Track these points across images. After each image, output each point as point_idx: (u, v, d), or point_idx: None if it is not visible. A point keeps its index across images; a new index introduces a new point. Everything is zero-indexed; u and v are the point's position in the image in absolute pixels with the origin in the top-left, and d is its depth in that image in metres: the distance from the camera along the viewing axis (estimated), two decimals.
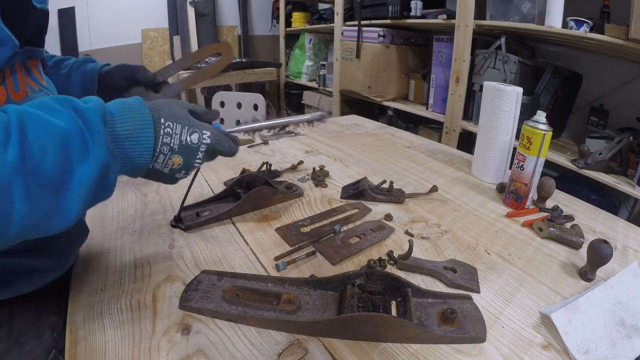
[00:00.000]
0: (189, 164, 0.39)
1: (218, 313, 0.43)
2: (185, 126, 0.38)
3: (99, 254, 0.55)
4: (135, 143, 0.34)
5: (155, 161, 0.36)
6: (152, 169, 0.37)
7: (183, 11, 2.62)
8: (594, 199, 1.26)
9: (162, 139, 0.36)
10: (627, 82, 1.36)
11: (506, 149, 0.81)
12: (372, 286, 0.46)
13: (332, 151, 1.02)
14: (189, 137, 0.38)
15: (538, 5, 1.26)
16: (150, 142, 0.35)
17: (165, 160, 0.36)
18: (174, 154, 0.37)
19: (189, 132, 0.38)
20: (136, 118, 0.35)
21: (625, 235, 0.67)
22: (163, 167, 0.37)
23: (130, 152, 0.34)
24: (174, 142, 0.37)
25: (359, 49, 1.95)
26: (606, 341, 0.42)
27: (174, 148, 0.37)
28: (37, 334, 0.46)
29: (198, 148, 0.39)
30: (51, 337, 0.48)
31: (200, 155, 0.39)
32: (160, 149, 0.36)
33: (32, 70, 0.46)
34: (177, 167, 0.38)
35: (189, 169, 0.39)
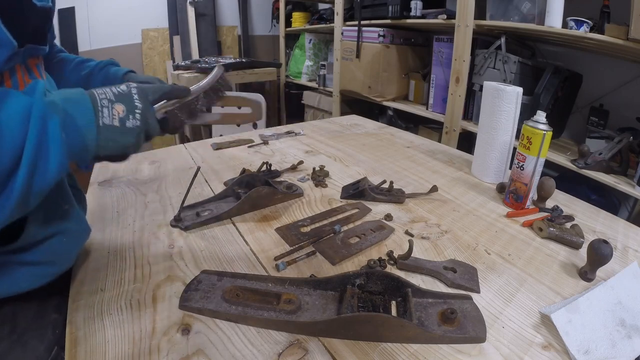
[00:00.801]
0: (132, 107, 0.41)
1: (218, 313, 0.43)
2: (112, 86, 0.41)
3: (99, 254, 0.55)
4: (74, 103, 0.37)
5: (102, 116, 0.38)
6: (103, 126, 0.38)
7: (183, 11, 2.62)
8: (594, 199, 1.26)
9: (99, 96, 0.39)
10: (627, 82, 1.36)
11: (506, 149, 0.81)
12: (372, 286, 0.46)
13: (332, 151, 1.02)
14: (117, 89, 0.41)
15: (538, 5, 1.26)
16: (87, 99, 0.38)
17: (110, 112, 0.39)
18: (114, 103, 0.39)
19: (116, 87, 0.41)
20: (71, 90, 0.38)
21: (625, 235, 0.67)
22: (112, 119, 0.39)
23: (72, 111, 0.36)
24: (108, 94, 0.39)
25: (359, 49, 1.95)
26: (606, 341, 0.42)
27: (111, 99, 0.39)
28: (39, 332, 0.46)
29: (130, 92, 0.41)
30: (53, 334, 0.48)
31: (136, 97, 0.41)
32: (100, 103, 0.38)
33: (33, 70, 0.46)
34: (123, 114, 0.39)
35: (134, 112, 0.41)
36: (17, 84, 0.41)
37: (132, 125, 0.40)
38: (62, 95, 0.36)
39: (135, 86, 0.42)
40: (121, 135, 0.40)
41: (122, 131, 0.39)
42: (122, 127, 0.39)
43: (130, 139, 0.41)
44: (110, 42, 2.48)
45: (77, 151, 0.36)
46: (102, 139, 0.38)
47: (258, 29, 3.08)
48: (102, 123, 0.38)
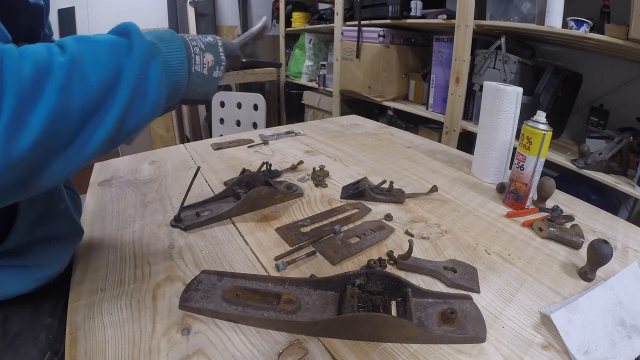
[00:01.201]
0: (219, 58, 0.44)
1: (218, 313, 0.43)
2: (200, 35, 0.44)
3: (99, 254, 0.55)
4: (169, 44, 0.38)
5: (195, 63, 0.40)
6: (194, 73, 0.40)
7: (183, 11, 2.62)
8: (594, 199, 1.26)
9: (191, 43, 0.40)
10: (627, 82, 1.36)
11: (506, 149, 0.81)
12: (372, 286, 0.46)
13: (332, 151, 1.02)
14: (206, 39, 0.43)
15: (538, 5, 1.26)
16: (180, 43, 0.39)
17: (201, 60, 0.41)
18: (204, 52, 0.41)
19: (205, 37, 0.44)
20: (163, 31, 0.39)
21: (625, 235, 0.67)
22: (202, 67, 0.41)
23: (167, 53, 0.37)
24: (199, 43, 0.42)
25: (359, 49, 1.95)
26: (606, 341, 0.42)
27: (202, 48, 0.41)
28: (33, 335, 0.46)
29: (217, 44, 0.44)
30: (46, 339, 0.47)
31: (221, 50, 0.44)
32: (193, 50, 0.40)
33: None
34: (211, 64, 0.42)
35: (220, 63, 0.44)
36: None
37: (217, 76, 0.43)
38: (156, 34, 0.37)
39: (220, 38, 0.45)
40: (207, 83, 0.42)
41: (209, 79, 0.42)
42: (210, 75, 0.42)
43: (213, 87, 0.44)
44: None
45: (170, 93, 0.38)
46: (192, 84, 0.40)
47: None
48: (194, 70, 0.40)
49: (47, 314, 0.49)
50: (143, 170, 0.85)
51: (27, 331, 0.46)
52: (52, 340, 0.48)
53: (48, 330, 0.48)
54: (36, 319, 0.47)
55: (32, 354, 0.45)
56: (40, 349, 0.46)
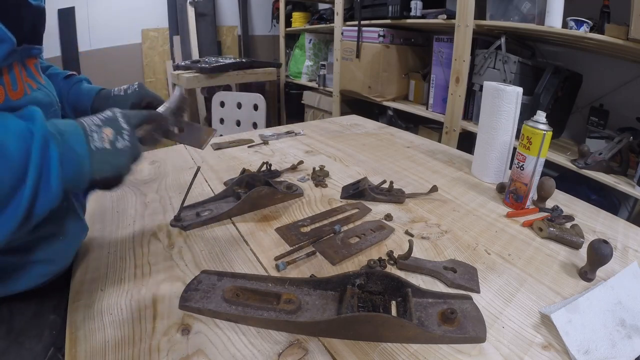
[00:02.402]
0: (120, 129, 0.43)
1: (218, 313, 0.43)
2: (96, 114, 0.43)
3: (99, 254, 0.55)
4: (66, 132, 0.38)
5: (93, 140, 0.40)
6: (96, 150, 0.40)
7: (183, 11, 2.62)
8: (594, 199, 1.26)
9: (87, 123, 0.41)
10: (627, 82, 1.36)
11: (506, 149, 0.81)
12: (372, 286, 0.46)
13: (332, 151, 1.02)
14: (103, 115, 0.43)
15: (538, 5, 1.26)
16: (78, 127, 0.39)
17: (100, 136, 0.40)
18: (102, 127, 0.41)
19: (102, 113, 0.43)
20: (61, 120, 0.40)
21: (625, 235, 0.67)
22: (102, 142, 0.40)
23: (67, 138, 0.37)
24: (95, 120, 0.41)
25: (359, 49, 1.95)
26: (606, 341, 0.42)
27: (99, 124, 0.41)
28: (36, 332, 0.46)
29: (115, 116, 0.43)
30: (50, 335, 0.48)
31: (122, 120, 0.43)
32: (89, 129, 0.40)
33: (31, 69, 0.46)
34: (112, 136, 0.41)
35: (122, 133, 0.43)
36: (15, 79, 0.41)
37: (122, 146, 0.42)
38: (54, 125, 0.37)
39: (119, 111, 0.44)
40: (113, 157, 0.41)
41: (113, 153, 0.41)
42: (113, 148, 0.41)
43: (122, 159, 0.42)
44: (110, 42, 2.48)
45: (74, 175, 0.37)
46: (95, 162, 0.39)
47: (258, 29, 3.08)
48: (94, 147, 0.39)
49: (51, 310, 0.50)
50: (143, 170, 0.85)
51: (31, 327, 0.46)
52: (55, 336, 0.48)
53: (51, 326, 0.48)
54: (40, 316, 0.48)
55: (35, 350, 0.45)
56: (44, 345, 0.46)
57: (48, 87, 0.51)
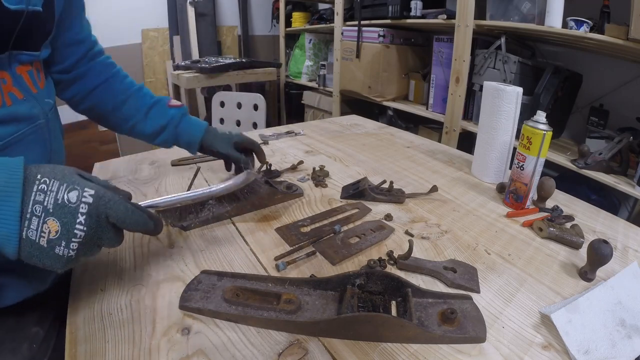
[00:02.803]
0: (69, 232, 0.31)
1: (218, 313, 0.43)
2: (64, 183, 0.31)
3: (99, 254, 0.55)
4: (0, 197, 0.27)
5: (28, 227, 0.29)
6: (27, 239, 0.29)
7: (183, 11, 2.62)
8: (594, 199, 1.26)
9: (34, 196, 0.29)
10: (627, 82, 1.36)
11: (506, 149, 0.81)
12: (372, 286, 0.46)
13: (332, 151, 1.02)
14: (66, 195, 0.30)
15: (538, 5, 1.26)
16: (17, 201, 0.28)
17: (39, 226, 0.29)
18: (48, 215, 0.30)
19: (67, 189, 0.31)
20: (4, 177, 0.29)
21: (625, 235, 0.67)
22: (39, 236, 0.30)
23: None
24: (48, 200, 0.30)
25: (359, 49, 1.95)
26: (606, 341, 0.42)
27: (47, 208, 0.29)
28: (13, 346, 0.45)
29: (77, 209, 0.31)
30: (29, 349, 0.46)
31: (81, 219, 0.31)
32: (32, 209, 0.29)
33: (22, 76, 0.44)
34: (54, 235, 0.30)
35: (69, 239, 0.31)
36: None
37: (62, 254, 0.31)
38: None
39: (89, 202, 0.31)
40: (46, 258, 0.31)
41: (47, 254, 0.31)
42: (50, 250, 0.31)
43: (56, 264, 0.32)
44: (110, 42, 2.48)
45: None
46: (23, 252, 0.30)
47: (258, 29, 3.08)
48: (26, 235, 0.29)
49: (34, 323, 0.48)
50: (143, 170, 0.85)
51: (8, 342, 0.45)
52: (35, 350, 0.47)
53: (32, 340, 0.47)
54: (19, 329, 0.46)
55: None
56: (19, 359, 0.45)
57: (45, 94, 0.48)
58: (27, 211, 0.29)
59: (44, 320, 0.49)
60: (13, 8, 0.38)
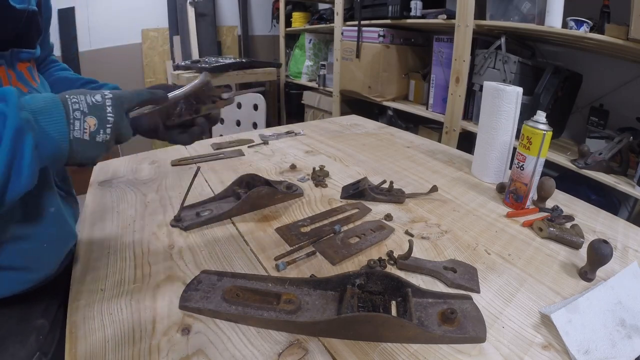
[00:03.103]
0: (104, 120, 0.40)
1: (218, 313, 0.43)
2: (87, 94, 0.40)
3: (99, 254, 0.55)
4: (47, 114, 0.36)
5: (74, 129, 0.38)
6: (74, 139, 0.38)
7: (183, 11, 2.62)
8: (594, 199, 1.26)
9: (72, 107, 0.38)
10: (627, 82, 1.36)
11: (506, 149, 0.81)
12: (372, 286, 0.46)
13: (332, 151, 1.02)
14: (92, 99, 0.40)
15: (538, 5, 1.26)
16: (61, 111, 0.37)
17: (82, 125, 0.38)
18: (86, 115, 0.39)
19: (92, 95, 0.40)
20: (44, 97, 0.37)
21: (625, 235, 0.67)
22: (83, 133, 0.38)
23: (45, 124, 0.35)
24: (82, 105, 0.39)
25: (359, 49, 1.95)
26: (606, 341, 0.42)
27: (84, 110, 0.39)
28: (21, 337, 0.46)
29: (104, 103, 0.40)
30: (36, 340, 0.47)
31: (109, 109, 0.40)
32: (73, 115, 0.38)
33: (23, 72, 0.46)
34: (94, 128, 0.39)
35: (105, 126, 0.40)
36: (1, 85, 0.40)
37: (101, 140, 0.40)
38: (34, 104, 0.36)
39: (110, 97, 0.41)
40: (90, 149, 0.39)
41: (91, 144, 0.39)
42: (92, 140, 0.39)
43: (97, 152, 0.41)
44: (110, 42, 2.48)
45: (48, 161, 0.37)
46: (72, 150, 0.38)
47: (258, 29, 3.08)
48: (73, 136, 0.38)
49: (39, 314, 0.49)
50: (143, 170, 0.85)
51: (15, 333, 0.45)
52: (42, 341, 0.47)
53: (38, 331, 0.48)
54: (26, 321, 0.47)
55: (19, 355, 0.44)
56: (28, 351, 0.46)
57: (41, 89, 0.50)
58: (69, 117, 0.37)
59: (49, 313, 0.50)
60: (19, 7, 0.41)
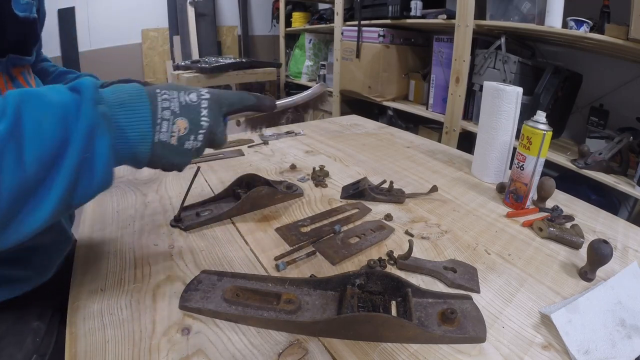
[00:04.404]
0: (197, 125, 0.35)
1: (218, 313, 0.43)
2: (181, 90, 0.36)
3: (99, 254, 0.55)
4: (130, 110, 0.31)
5: (160, 131, 0.33)
6: (159, 142, 0.33)
7: (183, 11, 2.62)
8: (594, 199, 1.26)
9: (161, 104, 0.33)
10: (627, 82, 1.36)
11: (506, 149, 0.81)
12: (372, 286, 0.46)
13: (332, 151, 1.02)
14: (187, 97, 0.35)
15: (538, 5, 1.26)
16: (147, 107, 0.32)
17: (169, 127, 0.33)
18: (177, 117, 0.33)
19: (187, 93, 0.35)
20: (128, 90, 0.32)
21: (625, 235, 0.67)
22: (170, 136, 0.33)
23: (126, 122, 0.31)
24: (173, 104, 0.34)
25: (359, 49, 1.95)
26: (606, 341, 0.42)
27: (175, 111, 0.33)
28: (17, 339, 0.46)
29: (199, 104, 0.36)
30: (32, 342, 0.47)
31: (204, 112, 0.35)
32: (161, 115, 0.33)
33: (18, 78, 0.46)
34: (184, 132, 0.34)
35: (197, 132, 0.35)
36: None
37: (190, 147, 0.35)
38: (115, 97, 0.31)
39: (207, 97, 0.36)
40: (175, 155, 0.35)
41: (177, 150, 0.34)
42: (180, 146, 0.34)
43: (184, 159, 0.36)
44: (110, 42, 2.48)
45: (127, 163, 0.33)
46: (154, 154, 0.33)
47: (258, 29, 3.08)
48: (158, 139, 0.33)
49: (35, 317, 0.49)
50: (143, 170, 0.85)
51: (11, 335, 0.45)
52: (38, 343, 0.47)
53: (35, 333, 0.47)
54: (21, 323, 0.47)
55: (16, 357, 0.44)
56: (25, 353, 0.45)
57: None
58: (157, 117, 0.32)
59: (45, 315, 0.50)
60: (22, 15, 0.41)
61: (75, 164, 0.28)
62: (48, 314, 0.51)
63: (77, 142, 0.28)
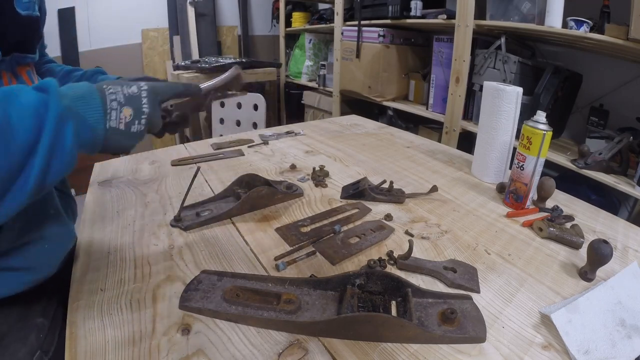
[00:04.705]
0: (140, 112, 0.41)
1: (218, 313, 0.43)
2: (123, 85, 0.42)
3: (99, 254, 0.55)
4: (85, 102, 0.37)
5: (110, 119, 0.39)
6: (110, 128, 0.39)
7: (183, 11, 2.62)
8: (594, 199, 1.26)
9: (109, 97, 0.39)
10: (627, 82, 1.36)
11: (506, 149, 0.81)
12: (372, 286, 0.46)
13: (332, 151, 1.02)
14: (129, 90, 0.41)
15: (538, 5, 1.26)
16: (98, 100, 0.38)
17: (117, 115, 0.39)
18: (122, 106, 0.40)
19: (128, 87, 0.42)
20: (82, 86, 0.39)
21: (625, 235, 0.67)
22: (118, 122, 0.39)
23: (83, 111, 0.37)
24: (119, 96, 0.40)
25: (359, 49, 1.95)
26: (606, 341, 0.42)
27: (120, 101, 0.40)
28: (21, 335, 0.46)
29: (140, 95, 0.42)
30: (36, 338, 0.47)
31: (145, 101, 0.42)
32: (109, 105, 0.39)
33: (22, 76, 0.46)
34: (130, 118, 0.40)
35: (140, 117, 0.42)
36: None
37: (136, 130, 0.41)
38: (72, 92, 0.37)
39: (146, 88, 0.43)
40: (125, 138, 0.40)
41: (126, 134, 0.40)
42: (127, 130, 0.40)
43: (132, 141, 0.42)
44: (110, 42, 2.48)
45: (86, 148, 0.38)
46: (107, 138, 0.39)
47: (258, 29, 3.08)
48: (109, 126, 0.39)
49: (39, 314, 0.49)
50: (143, 170, 0.85)
51: (15, 331, 0.45)
52: (42, 339, 0.47)
53: (38, 330, 0.48)
54: (25, 319, 0.47)
55: (20, 353, 0.45)
56: (29, 349, 0.46)
57: None
58: (106, 108, 0.39)
59: (48, 312, 0.50)
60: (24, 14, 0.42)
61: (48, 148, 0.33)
62: (51, 310, 0.51)
63: (49, 129, 0.33)
